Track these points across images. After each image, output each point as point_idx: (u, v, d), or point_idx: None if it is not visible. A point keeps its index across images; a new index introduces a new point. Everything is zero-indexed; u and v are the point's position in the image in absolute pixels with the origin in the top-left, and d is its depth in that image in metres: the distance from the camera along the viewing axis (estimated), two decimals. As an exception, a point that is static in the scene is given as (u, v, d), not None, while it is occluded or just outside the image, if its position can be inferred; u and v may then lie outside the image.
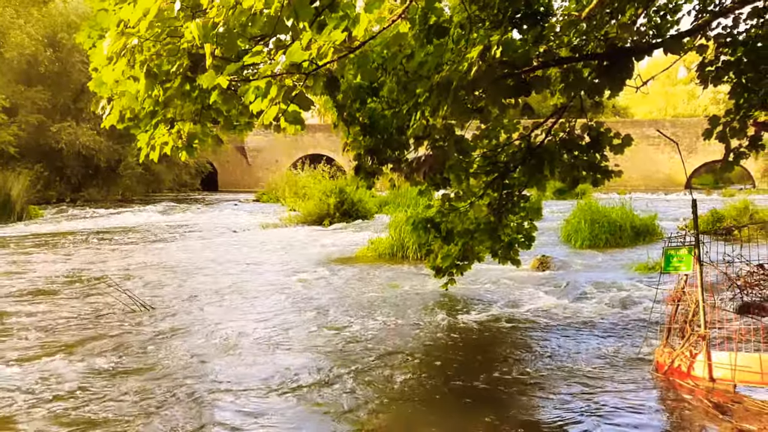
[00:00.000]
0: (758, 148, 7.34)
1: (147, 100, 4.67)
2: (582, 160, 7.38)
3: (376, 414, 5.10)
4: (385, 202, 23.60)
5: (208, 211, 27.18)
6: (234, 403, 5.26)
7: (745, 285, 5.55)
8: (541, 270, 11.71)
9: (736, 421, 4.48)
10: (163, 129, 5.04)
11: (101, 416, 4.97)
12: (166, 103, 4.64)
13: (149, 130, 5.02)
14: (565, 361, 6.37)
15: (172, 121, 4.99)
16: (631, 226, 15.50)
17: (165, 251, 15.04)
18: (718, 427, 4.44)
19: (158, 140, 5.10)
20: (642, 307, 8.25)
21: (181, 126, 5.12)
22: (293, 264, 12.72)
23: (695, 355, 5.35)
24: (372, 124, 7.09)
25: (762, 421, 4.41)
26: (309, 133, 45.55)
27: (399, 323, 7.91)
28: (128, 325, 7.87)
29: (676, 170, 43.17)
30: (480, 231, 8.23)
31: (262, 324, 7.91)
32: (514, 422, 4.86)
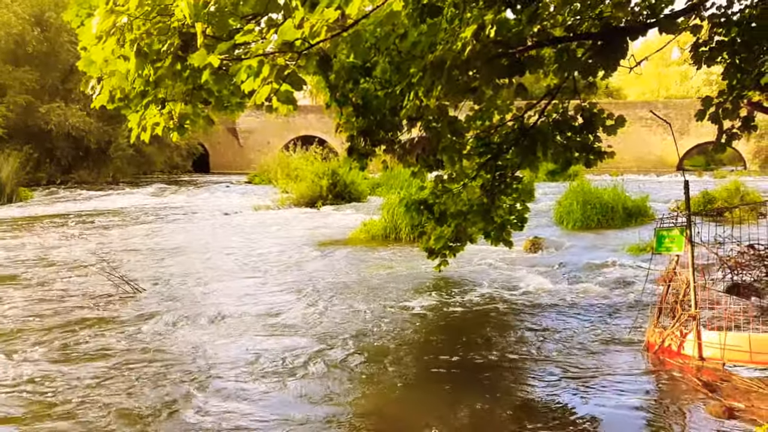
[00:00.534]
0: (751, 129, 7.35)
1: (137, 79, 4.61)
2: (575, 141, 7.38)
3: (366, 395, 5.13)
4: (377, 184, 23.56)
5: (200, 193, 27.06)
6: (224, 385, 5.27)
7: (735, 265, 5.60)
8: (533, 251, 11.76)
9: (724, 398, 4.54)
10: (154, 109, 4.98)
11: (90, 397, 4.97)
12: (156, 82, 4.58)
13: (140, 111, 4.96)
14: (556, 340, 6.42)
15: (163, 102, 4.94)
16: (623, 207, 15.54)
17: (157, 233, 14.97)
18: (708, 405, 4.50)
19: (149, 121, 5.05)
20: (633, 288, 8.30)
21: (173, 106, 5.07)
22: (286, 246, 12.70)
23: (685, 335, 5.40)
24: (365, 104, 7.05)
25: (750, 399, 4.47)
26: (301, 115, 45.25)
27: (392, 304, 7.93)
28: (119, 307, 7.86)
29: (668, 152, 43.25)
30: (473, 212, 8.23)
31: (254, 306, 7.92)
32: (505, 401, 4.91)
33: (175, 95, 5.23)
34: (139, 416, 4.63)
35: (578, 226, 14.84)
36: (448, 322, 7.34)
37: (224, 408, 4.79)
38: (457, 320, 7.42)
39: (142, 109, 4.93)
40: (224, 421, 4.56)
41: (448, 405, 4.87)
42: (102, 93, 4.73)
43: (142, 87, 4.69)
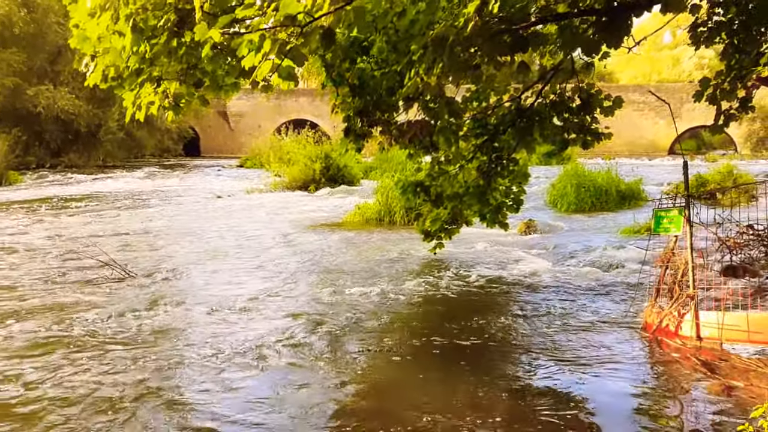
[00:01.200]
0: (748, 110, 7.34)
1: (132, 57, 4.52)
2: (572, 122, 7.35)
3: (360, 376, 5.09)
4: (371, 168, 23.46)
5: (192, 176, 26.89)
6: (218, 368, 5.21)
7: (734, 245, 5.60)
8: (528, 234, 11.77)
9: (723, 377, 4.55)
10: (149, 88, 4.88)
11: (80, 382, 4.92)
12: (152, 60, 4.49)
13: (135, 89, 4.86)
14: (553, 321, 6.42)
15: (158, 80, 4.84)
16: (616, 190, 15.58)
17: (149, 217, 14.87)
18: (707, 384, 4.52)
19: (144, 100, 4.95)
20: (628, 270, 8.32)
21: (167, 85, 4.97)
22: (279, 229, 12.65)
23: (683, 315, 5.41)
24: (361, 84, 6.97)
25: (749, 378, 4.49)
26: (292, 98, 44.95)
27: (387, 287, 7.90)
28: (110, 291, 7.78)
29: (660, 136, 43.34)
30: (469, 194, 8.19)
31: (249, 289, 7.85)
32: (501, 381, 4.89)
33: (170, 74, 5.13)
34: (126, 402, 4.55)
35: (572, 209, 14.87)
36: (443, 304, 7.33)
37: (215, 390, 4.73)
38: (453, 302, 7.41)
39: (137, 88, 4.82)
40: (214, 404, 4.49)
41: (443, 385, 4.86)
42: (96, 71, 4.63)
43: (137, 65, 4.59)
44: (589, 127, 7.33)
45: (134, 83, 4.77)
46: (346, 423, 4.26)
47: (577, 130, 7.34)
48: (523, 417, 4.24)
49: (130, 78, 5.05)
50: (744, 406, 4.02)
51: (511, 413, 4.31)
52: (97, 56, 4.56)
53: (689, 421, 4.00)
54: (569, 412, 4.32)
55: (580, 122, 7.33)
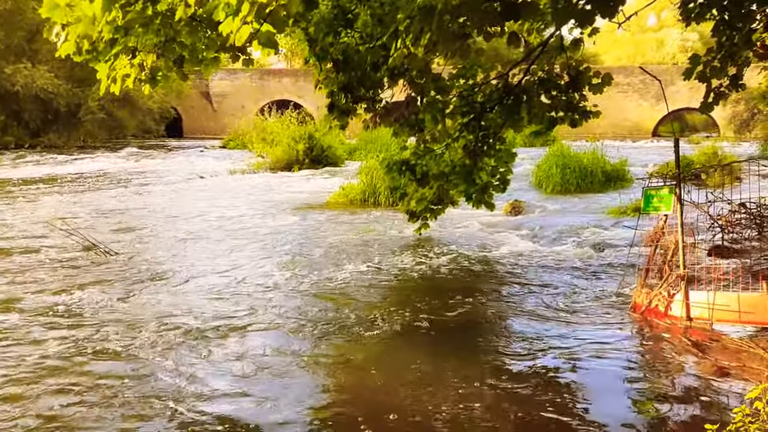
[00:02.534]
0: (738, 88, 7.25)
1: (106, 26, 4.29)
2: (560, 100, 7.21)
3: (347, 355, 4.99)
4: (354, 149, 23.25)
5: (174, 157, 26.47)
6: (203, 348, 5.07)
7: (726, 224, 5.52)
8: (514, 214, 11.67)
9: (715, 358, 4.49)
10: (125, 60, 4.66)
11: (61, 363, 4.77)
12: (126, 29, 4.27)
13: (109, 61, 4.63)
14: (540, 302, 6.33)
15: (134, 51, 4.61)
16: (601, 171, 15.53)
17: (131, 197, 14.59)
18: (699, 365, 4.45)
19: (119, 72, 4.73)
20: (616, 250, 8.25)
21: (144, 56, 4.75)
22: (263, 210, 12.45)
23: (673, 295, 5.34)
24: (345, 59, 6.77)
25: (740, 359, 4.43)
26: (275, 78, 44.41)
27: (373, 267, 7.78)
28: (89, 271, 7.58)
29: (644, 118, 43.45)
30: (455, 174, 8.05)
31: (233, 270, 7.70)
32: (488, 361, 4.81)
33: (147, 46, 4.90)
34: (107, 385, 4.40)
35: (557, 190, 14.80)
36: (430, 285, 7.22)
37: (196, 374, 4.58)
38: (440, 282, 7.31)
39: (111, 59, 4.60)
40: (196, 385, 4.36)
41: (431, 364, 4.76)
42: (68, 40, 4.39)
43: (111, 34, 4.36)
44: (577, 105, 7.21)
45: (108, 54, 4.54)
46: (332, 400, 4.19)
47: (565, 108, 7.21)
48: (511, 396, 4.17)
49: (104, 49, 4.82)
50: (737, 386, 3.95)
51: (497, 392, 4.23)
52: (68, 25, 4.32)
53: (683, 403, 3.93)
54: (557, 392, 4.26)
55: (568, 100, 7.20)
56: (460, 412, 3.95)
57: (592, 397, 4.20)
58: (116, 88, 4.84)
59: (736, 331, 5.01)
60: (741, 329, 5.00)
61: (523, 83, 7.16)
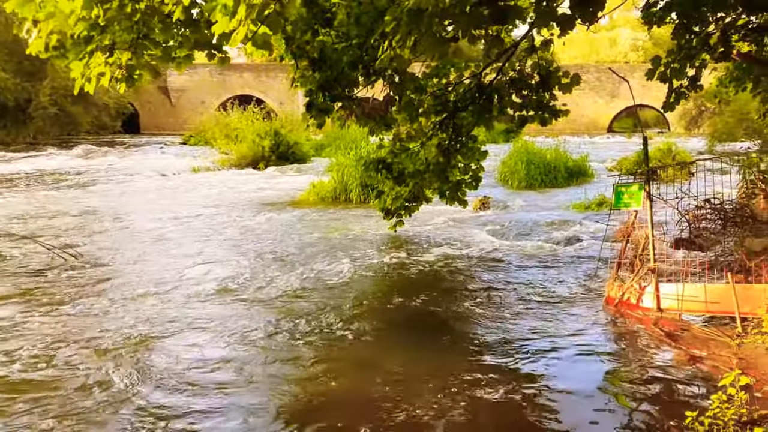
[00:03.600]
0: (697, 88, 7.55)
1: (80, 23, 4.22)
2: (531, 99, 7.39)
3: (323, 354, 5.01)
4: (321, 146, 23.19)
5: (133, 154, 25.89)
6: (171, 351, 5.04)
7: (693, 219, 5.77)
8: (483, 210, 11.86)
9: (686, 347, 4.69)
10: (100, 58, 4.57)
11: (22, 368, 4.71)
12: (103, 27, 4.20)
13: (84, 59, 4.54)
14: (514, 297, 6.47)
15: (111, 49, 4.53)
16: (565, 167, 15.90)
17: (90, 197, 14.22)
18: (672, 354, 4.64)
19: (94, 70, 4.64)
20: (585, 244, 8.49)
21: (119, 54, 4.67)
22: (232, 208, 12.33)
23: (644, 288, 5.55)
24: (321, 58, 6.79)
25: (710, 347, 4.64)
26: (236, 73, 43.79)
27: (348, 265, 7.79)
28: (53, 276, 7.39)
29: (600, 114, 44.50)
30: (430, 172, 8.16)
31: (205, 271, 7.56)
32: (462, 357, 4.87)
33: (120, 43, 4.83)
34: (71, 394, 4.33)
35: (522, 186, 15.09)
36: (404, 281, 7.29)
37: (168, 378, 4.55)
38: (415, 279, 7.38)
39: (86, 57, 4.51)
40: (168, 391, 4.32)
41: (407, 361, 4.83)
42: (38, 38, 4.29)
43: (86, 32, 4.29)
44: (547, 104, 7.39)
45: (83, 52, 4.46)
46: (308, 399, 4.21)
47: (535, 107, 7.39)
48: (486, 391, 4.24)
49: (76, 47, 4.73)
50: (710, 373, 4.15)
51: (472, 387, 4.30)
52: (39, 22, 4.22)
53: (660, 391, 4.10)
54: (535, 385, 4.35)
55: (538, 99, 7.39)
56: (434, 408, 4.00)
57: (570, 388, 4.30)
58: (91, 87, 4.75)
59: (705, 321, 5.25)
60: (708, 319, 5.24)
61: (495, 83, 7.32)
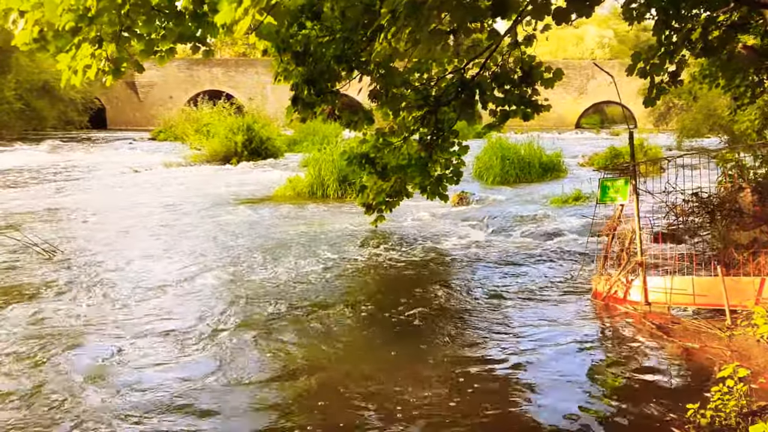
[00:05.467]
0: (677, 84, 7.66)
1: (67, 14, 4.07)
2: (513, 94, 7.42)
3: (304, 351, 4.94)
4: (294, 141, 23.02)
5: (102, 149, 25.33)
6: (145, 350, 4.93)
7: (681, 213, 5.85)
8: (461, 205, 11.90)
9: (678, 339, 4.75)
10: (88, 50, 4.42)
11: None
12: (91, 19, 4.06)
13: (71, 51, 4.39)
14: (499, 291, 6.48)
15: (99, 41, 4.39)
16: (539, 162, 16.05)
17: (62, 193, 13.87)
18: (665, 346, 4.70)
19: (80, 63, 4.49)
20: (566, 238, 8.57)
21: (107, 46, 4.53)
22: (207, 204, 12.13)
23: (631, 281, 5.61)
24: (305, 51, 6.70)
25: (701, 339, 4.71)
26: (205, 68, 43.18)
27: (330, 261, 7.75)
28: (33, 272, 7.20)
29: (568, 111, 45.18)
30: (412, 166, 8.14)
31: (180, 268, 7.42)
32: (447, 354, 4.83)
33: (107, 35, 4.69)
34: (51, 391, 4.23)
35: (497, 181, 15.18)
36: (386, 277, 7.26)
37: (146, 377, 4.45)
38: (396, 274, 7.35)
39: (73, 49, 4.36)
40: (145, 391, 4.21)
41: (391, 357, 4.81)
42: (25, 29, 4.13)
43: (74, 23, 4.15)
44: (529, 99, 7.43)
45: (70, 44, 4.31)
46: (289, 397, 4.15)
47: (517, 102, 7.42)
48: (473, 386, 4.22)
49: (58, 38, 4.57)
50: (704, 365, 4.21)
51: (457, 382, 4.28)
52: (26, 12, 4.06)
53: (656, 383, 4.14)
54: (525, 379, 4.34)
55: (520, 94, 7.42)
56: (418, 404, 3.98)
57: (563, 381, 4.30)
58: (77, 80, 4.60)
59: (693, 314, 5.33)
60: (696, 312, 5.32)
61: (477, 78, 7.32)
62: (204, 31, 5.26)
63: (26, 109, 31.19)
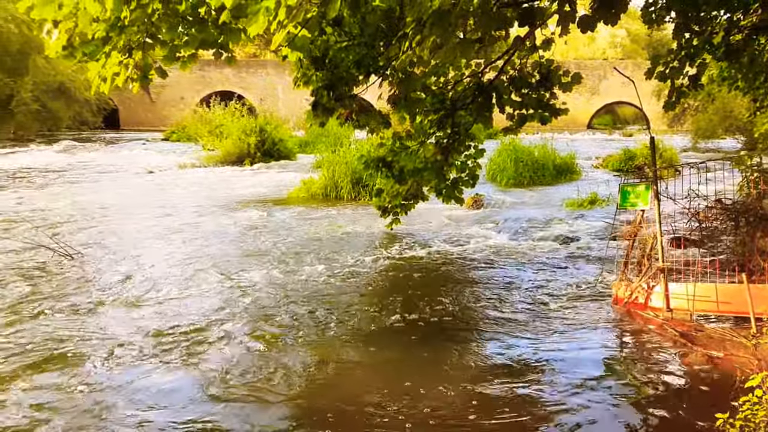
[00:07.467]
0: (698, 88, 7.62)
1: (99, 24, 4.13)
2: (531, 98, 7.41)
3: (320, 354, 4.97)
4: (305, 142, 23.08)
5: (116, 150, 25.49)
6: (166, 349, 5.01)
7: (703, 219, 5.83)
8: (476, 208, 11.88)
9: (702, 347, 4.74)
10: (116, 58, 4.49)
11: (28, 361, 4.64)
12: (123, 28, 4.12)
13: (101, 59, 4.45)
14: (517, 295, 6.47)
15: (129, 49, 4.45)
16: (553, 164, 16.00)
17: (80, 193, 13.98)
18: (689, 354, 4.69)
19: (109, 71, 4.55)
20: (583, 242, 8.55)
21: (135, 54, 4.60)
22: (224, 206, 12.20)
23: (653, 287, 5.59)
24: (324, 57, 6.74)
25: (726, 347, 4.69)
26: (217, 69, 43.32)
27: (346, 264, 7.77)
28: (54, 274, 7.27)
29: (579, 111, 44.91)
30: (428, 170, 8.16)
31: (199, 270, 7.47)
32: (467, 357, 4.86)
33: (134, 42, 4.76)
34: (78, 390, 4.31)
35: (511, 183, 15.15)
36: (404, 281, 7.26)
37: (170, 373, 4.54)
38: (414, 279, 7.36)
39: (103, 58, 4.42)
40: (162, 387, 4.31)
41: (408, 361, 4.82)
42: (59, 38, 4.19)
43: (104, 33, 4.21)
44: (547, 102, 7.42)
45: (100, 53, 4.37)
46: (302, 400, 4.17)
47: (535, 106, 7.42)
48: (492, 392, 4.22)
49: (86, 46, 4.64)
50: (731, 374, 4.19)
51: (477, 389, 4.27)
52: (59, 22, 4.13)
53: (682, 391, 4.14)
54: (546, 386, 4.33)
55: (538, 98, 7.41)
56: (436, 409, 3.99)
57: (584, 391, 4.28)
58: (106, 87, 4.67)
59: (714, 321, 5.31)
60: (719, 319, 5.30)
61: (495, 82, 7.33)
62: (226, 37, 5.32)
63: (42, 110, 31.45)
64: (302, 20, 2.90)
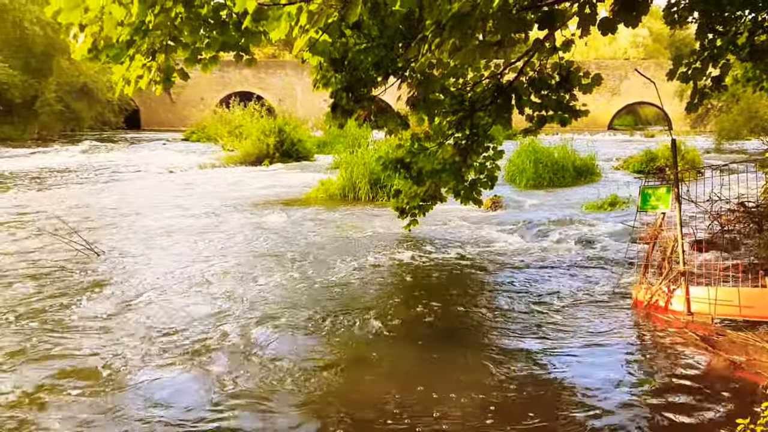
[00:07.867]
0: (721, 89, 7.53)
1: (124, 27, 4.20)
2: (550, 99, 7.38)
3: (336, 356, 4.99)
4: (323, 143, 23.19)
5: (137, 150, 25.82)
6: (187, 347, 5.08)
7: (726, 222, 5.77)
8: (495, 210, 11.86)
9: (724, 352, 4.69)
10: (140, 61, 4.56)
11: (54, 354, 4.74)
12: (146, 31, 4.19)
13: (125, 62, 4.53)
14: (537, 297, 6.45)
15: (153, 52, 4.52)
16: (572, 166, 15.89)
17: (103, 193, 14.19)
18: (710, 358, 4.65)
19: (133, 73, 4.63)
20: (603, 245, 8.49)
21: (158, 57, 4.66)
22: (244, 206, 12.30)
23: (673, 291, 5.54)
24: (343, 59, 6.78)
25: (749, 352, 4.64)
26: (236, 70, 43.68)
27: (364, 265, 7.78)
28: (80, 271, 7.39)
29: (600, 112, 44.56)
30: (446, 171, 8.16)
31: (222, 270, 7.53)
32: (487, 359, 4.83)
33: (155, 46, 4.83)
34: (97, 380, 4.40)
35: (530, 185, 15.08)
36: (423, 282, 7.26)
37: (184, 374, 4.59)
38: (433, 280, 7.36)
39: (127, 61, 4.50)
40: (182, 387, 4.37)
41: (426, 364, 4.81)
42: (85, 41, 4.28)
43: (129, 36, 4.28)
44: (567, 104, 7.38)
45: (124, 56, 4.45)
46: (313, 404, 4.18)
47: (555, 108, 7.38)
48: (511, 394, 4.21)
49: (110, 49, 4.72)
50: (753, 380, 4.15)
51: (496, 393, 4.25)
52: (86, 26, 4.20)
53: (703, 395, 4.10)
54: (566, 389, 4.32)
55: (558, 99, 7.37)
56: (455, 410, 3.98)
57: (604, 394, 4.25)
58: (130, 90, 4.75)
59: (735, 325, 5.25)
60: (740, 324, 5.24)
61: (514, 83, 7.30)
62: (247, 40, 5.37)
63: (66, 111, 31.97)
64: (323, 25, 2.93)
